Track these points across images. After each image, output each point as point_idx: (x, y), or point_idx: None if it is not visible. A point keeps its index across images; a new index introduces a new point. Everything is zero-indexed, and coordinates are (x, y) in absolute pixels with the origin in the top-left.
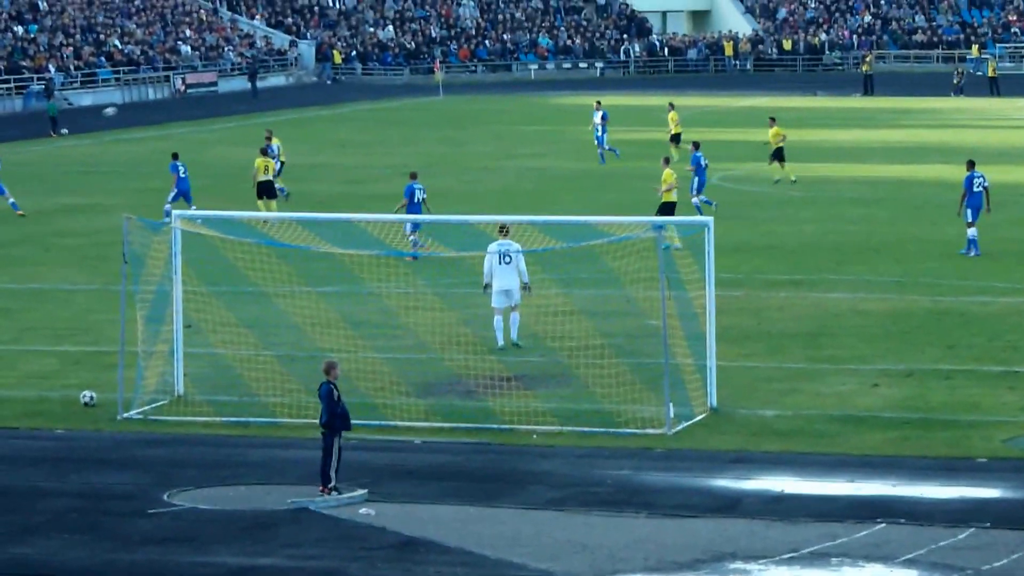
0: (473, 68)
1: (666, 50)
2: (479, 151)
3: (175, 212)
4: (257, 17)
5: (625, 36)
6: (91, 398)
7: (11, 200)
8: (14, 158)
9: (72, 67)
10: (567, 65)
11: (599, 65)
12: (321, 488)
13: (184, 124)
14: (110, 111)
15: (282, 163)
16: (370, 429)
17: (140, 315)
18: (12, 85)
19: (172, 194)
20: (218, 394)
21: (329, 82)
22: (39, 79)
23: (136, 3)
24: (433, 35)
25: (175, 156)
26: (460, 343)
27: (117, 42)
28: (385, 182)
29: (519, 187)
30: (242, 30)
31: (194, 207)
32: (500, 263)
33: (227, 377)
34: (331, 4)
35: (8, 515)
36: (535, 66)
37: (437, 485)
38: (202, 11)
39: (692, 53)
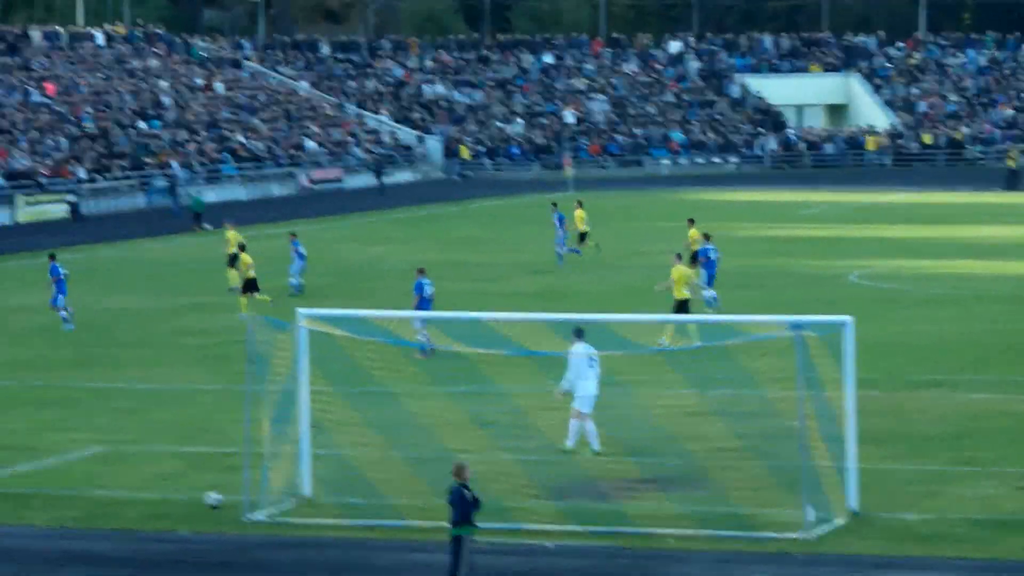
0: (604, 163)
1: (802, 145)
2: (609, 248)
3: (301, 311)
4: (383, 112)
5: (760, 130)
6: (217, 500)
7: (63, 312)
8: (140, 255)
9: (196, 163)
10: (700, 160)
11: (733, 160)
12: None
13: (309, 221)
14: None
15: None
16: (501, 532)
17: (265, 416)
18: (136, 181)
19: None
20: (346, 496)
21: (457, 178)
22: (163, 175)
23: (261, 99)
24: (563, 130)
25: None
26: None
27: (242, 138)
28: (515, 279)
29: (650, 284)
30: (368, 125)
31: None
32: (587, 367)
33: (355, 479)
34: (459, 99)
35: None
36: (667, 161)
37: None
38: (327, 107)
39: (829, 148)
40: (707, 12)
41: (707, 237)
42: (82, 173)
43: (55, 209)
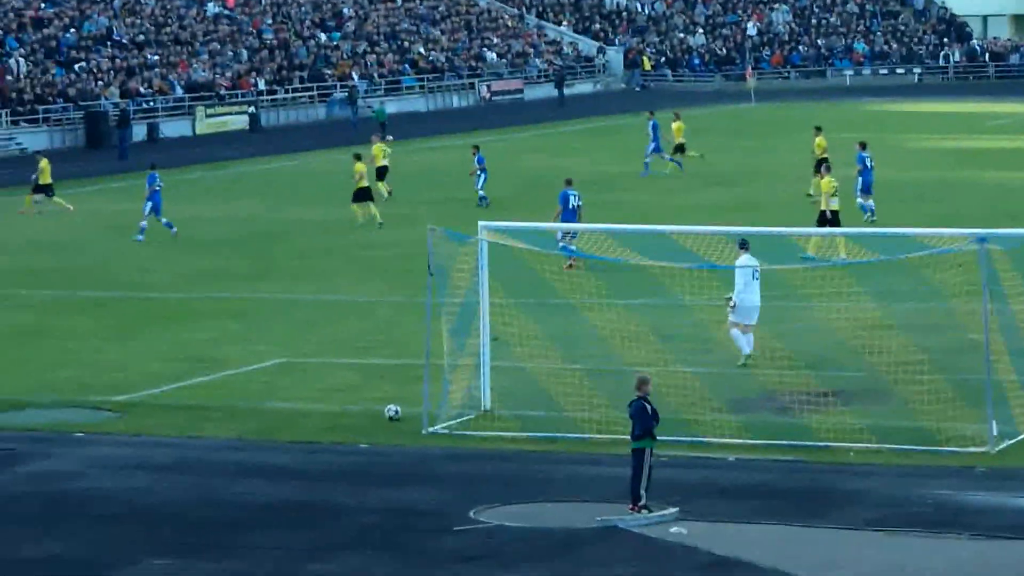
0: (786, 74)
1: (987, 55)
2: (792, 160)
3: (482, 223)
4: (564, 23)
5: (944, 41)
6: (396, 412)
7: (164, 220)
8: (319, 167)
9: (376, 75)
10: (883, 71)
11: (916, 71)
12: (631, 506)
13: (489, 132)
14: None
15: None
16: (681, 446)
17: (445, 328)
18: (315, 93)
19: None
20: (524, 409)
21: (638, 89)
22: (342, 87)
23: (441, 10)
24: (745, 41)
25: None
26: (773, 357)
27: (421, 49)
28: (697, 191)
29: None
30: (548, 36)
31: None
32: (752, 279)
33: (533, 391)
34: (640, 9)
35: (311, 531)
36: (850, 72)
37: (750, 504)
38: (508, 18)
39: (1014, 58)
40: None
41: (863, 146)
42: (261, 85)
43: (234, 120)
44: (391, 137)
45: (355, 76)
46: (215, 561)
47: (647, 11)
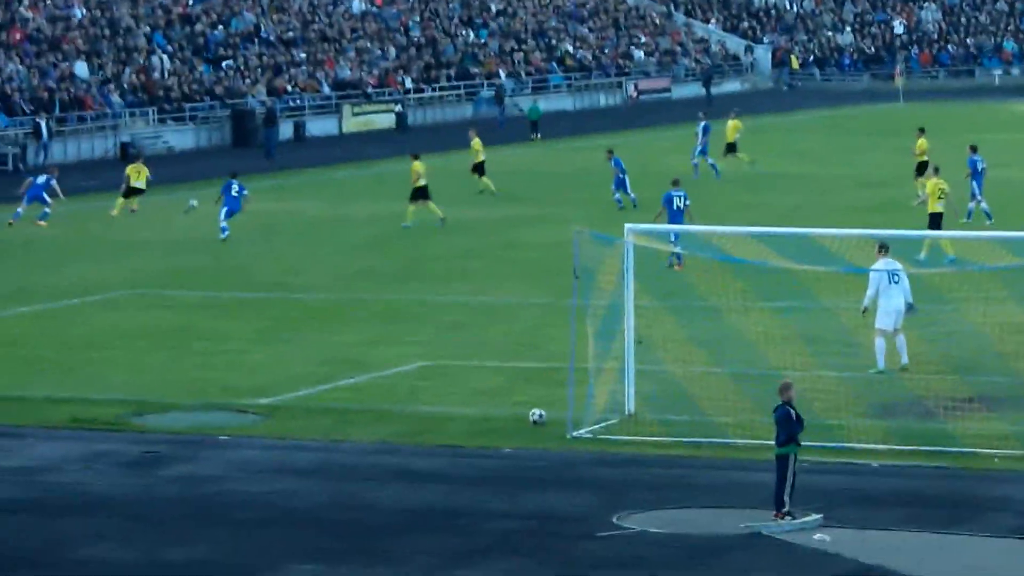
0: (935, 73)
1: None
2: (940, 161)
3: (628, 226)
4: (712, 21)
5: None
6: (540, 416)
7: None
8: (466, 166)
9: (523, 73)
10: None
11: None
12: (775, 513)
13: (636, 131)
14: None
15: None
16: (825, 451)
17: (591, 331)
18: (462, 91)
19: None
20: (669, 413)
21: (786, 88)
22: (490, 85)
23: (589, 7)
24: (894, 39)
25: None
26: (920, 362)
27: (569, 47)
28: (846, 192)
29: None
30: (696, 35)
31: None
32: (889, 283)
33: (678, 395)
34: (788, 8)
35: (455, 536)
36: (999, 71)
37: (895, 510)
38: (656, 16)
39: None
40: None
41: (974, 149)
42: (408, 83)
43: (381, 119)
44: (538, 135)
45: (502, 74)
46: (360, 566)
47: (796, 9)
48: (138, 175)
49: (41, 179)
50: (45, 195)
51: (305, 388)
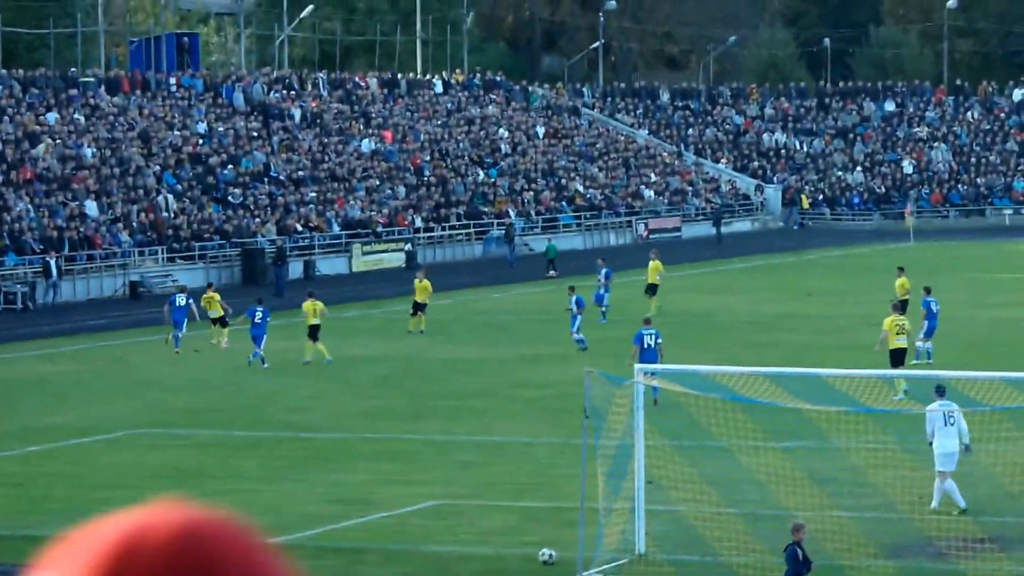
0: (945, 213)
1: None
2: (951, 299)
3: (638, 366)
4: (722, 161)
5: None
6: (551, 556)
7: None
8: (477, 305)
9: (533, 212)
10: None
11: None
12: None
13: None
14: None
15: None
16: None
17: (601, 471)
18: (472, 230)
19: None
20: (680, 553)
21: (796, 227)
22: (499, 224)
23: (599, 147)
24: (904, 179)
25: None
26: (930, 503)
27: (579, 186)
28: (853, 332)
29: (993, 339)
30: (707, 174)
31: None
32: (945, 424)
33: (689, 536)
34: (799, 148)
35: None
36: (1010, 211)
37: None
38: (666, 155)
39: None
40: None
41: (927, 291)
42: (418, 222)
43: (391, 258)
44: (555, 273)
45: (512, 213)
46: None
47: (806, 149)
48: (314, 313)
49: (181, 301)
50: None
51: (315, 528)
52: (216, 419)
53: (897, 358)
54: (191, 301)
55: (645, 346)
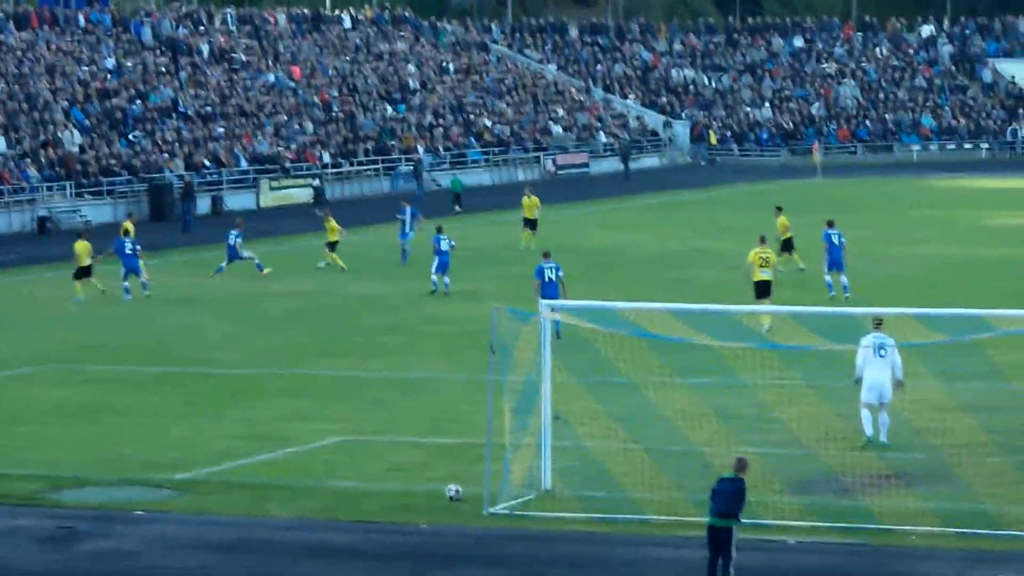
0: (853, 149)
1: None
2: (859, 236)
3: (544, 301)
4: (631, 97)
5: (1013, 116)
6: (457, 492)
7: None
8: (385, 241)
9: (441, 148)
10: (951, 146)
11: (984, 146)
12: None
13: (555, 207)
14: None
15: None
16: (743, 528)
17: (508, 407)
18: (380, 166)
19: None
20: (586, 489)
21: (704, 163)
22: (407, 160)
23: (507, 83)
24: (812, 115)
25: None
26: (836, 439)
27: (487, 122)
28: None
29: (902, 275)
30: (615, 110)
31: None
32: (875, 356)
33: (595, 472)
34: (707, 84)
35: None
36: (917, 147)
37: None
38: (574, 91)
39: None
40: None
41: (830, 224)
42: (326, 158)
43: (299, 193)
44: (460, 209)
45: (420, 149)
46: None
47: (714, 85)
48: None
49: (231, 238)
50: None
51: (223, 463)
52: (126, 355)
53: (760, 290)
54: (240, 238)
55: (546, 279)
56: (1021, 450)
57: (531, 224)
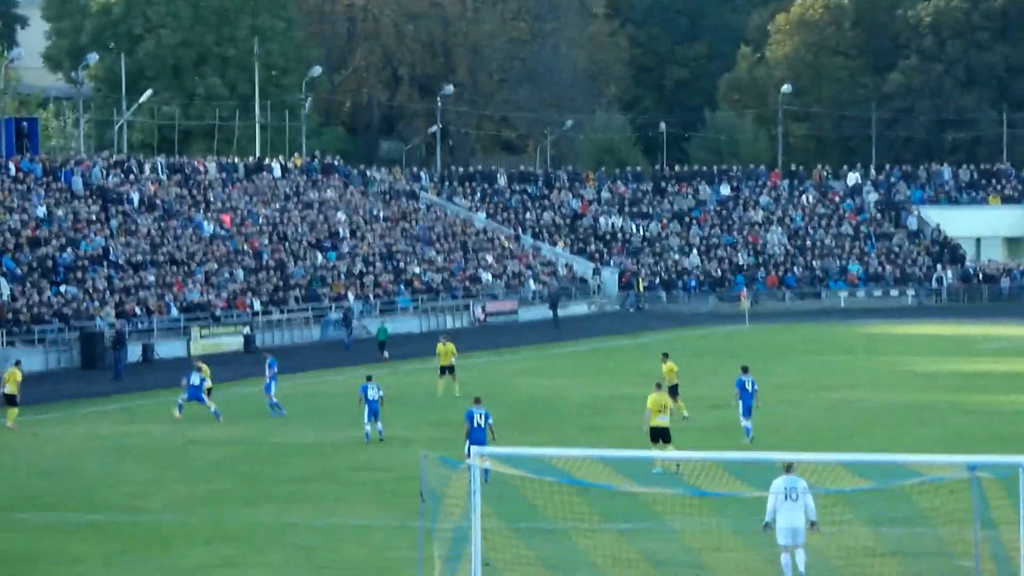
0: (781, 296)
1: (980, 277)
2: (786, 382)
3: (474, 449)
4: (559, 244)
5: (938, 263)
6: None
7: (213, 408)
8: (315, 388)
9: (371, 295)
10: (877, 292)
11: (910, 292)
12: None
13: (484, 353)
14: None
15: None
16: None
17: (438, 554)
18: (310, 313)
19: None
20: None
21: (632, 310)
22: (337, 307)
23: (437, 231)
24: (740, 263)
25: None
26: None
27: (417, 269)
28: (691, 414)
29: (827, 421)
30: (544, 257)
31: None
32: (786, 499)
33: None
34: (635, 231)
35: None
36: (845, 293)
37: None
38: (504, 239)
39: (1006, 281)
40: (885, 144)
41: (744, 370)
42: (257, 305)
43: (229, 341)
44: (387, 355)
45: (350, 296)
46: None
47: (642, 232)
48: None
49: (195, 379)
50: (203, 396)
51: None
52: (51, 502)
53: (656, 435)
54: (206, 381)
55: (475, 425)
56: None
57: (449, 370)
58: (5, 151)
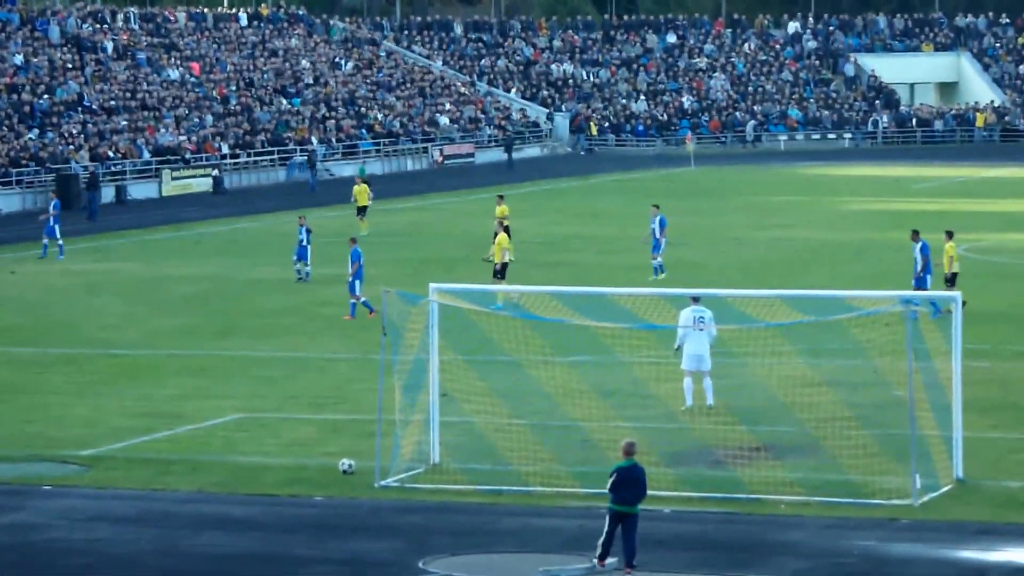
0: (724, 139)
1: (914, 121)
2: (730, 222)
3: (433, 285)
4: (513, 90)
5: (874, 107)
6: (350, 466)
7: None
8: (280, 228)
9: (334, 139)
10: (816, 136)
11: (847, 136)
12: (598, 561)
13: (442, 195)
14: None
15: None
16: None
17: (398, 384)
18: (276, 156)
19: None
20: (472, 462)
21: (583, 153)
22: (302, 151)
23: (397, 77)
24: (685, 107)
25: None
26: (708, 413)
27: (378, 115)
28: (638, 253)
29: (769, 258)
30: (499, 103)
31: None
32: (694, 328)
33: (481, 446)
34: (586, 77)
35: None
36: (784, 137)
37: (686, 555)
38: (460, 85)
39: (939, 124)
40: None
41: (656, 207)
42: (225, 149)
43: (199, 183)
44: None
45: (314, 140)
46: None
47: (592, 79)
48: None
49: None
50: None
51: (125, 440)
52: (28, 337)
53: (499, 272)
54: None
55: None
56: (882, 424)
57: (362, 211)
58: None
